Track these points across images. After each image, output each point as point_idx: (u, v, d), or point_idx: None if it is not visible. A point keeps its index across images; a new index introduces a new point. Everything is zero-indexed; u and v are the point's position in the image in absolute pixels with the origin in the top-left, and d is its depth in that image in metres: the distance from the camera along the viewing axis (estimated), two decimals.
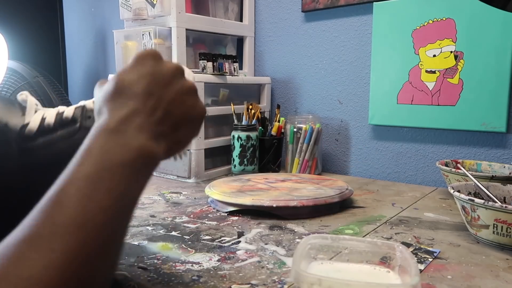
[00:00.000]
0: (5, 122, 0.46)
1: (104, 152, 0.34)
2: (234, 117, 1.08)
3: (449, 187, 0.64)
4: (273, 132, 1.08)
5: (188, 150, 1.00)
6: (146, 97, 0.37)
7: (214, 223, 0.69)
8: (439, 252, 0.56)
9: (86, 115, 0.48)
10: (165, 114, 0.38)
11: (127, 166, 0.34)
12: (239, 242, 0.60)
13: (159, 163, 0.38)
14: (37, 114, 0.48)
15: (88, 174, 0.32)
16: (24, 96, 0.49)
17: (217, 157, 1.09)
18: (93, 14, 1.75)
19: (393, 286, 0.40)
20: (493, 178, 0.73)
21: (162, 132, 0.38)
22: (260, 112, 1.11)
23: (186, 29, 1.06)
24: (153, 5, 1.07)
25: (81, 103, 0.50)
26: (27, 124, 0.47)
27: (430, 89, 0.97)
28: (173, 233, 0.64)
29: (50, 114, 0.48)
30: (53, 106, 0.78)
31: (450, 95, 0.94)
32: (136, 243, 0.60)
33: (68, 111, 0.48)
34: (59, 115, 0.48)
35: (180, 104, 0.39)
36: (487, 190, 0.65)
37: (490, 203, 0.56)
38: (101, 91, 0.39)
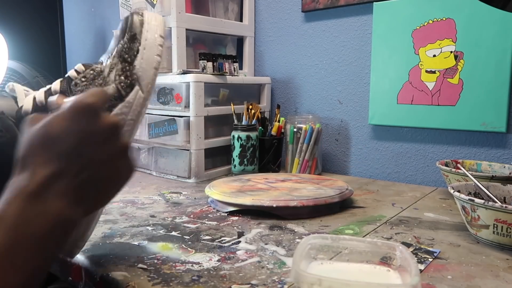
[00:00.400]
0: (1, 110, 0.48)
1: (20, 222, 0.31)
2: (234, 117, 1.08)
3: (449, 187, 0.64)
4: (273, 132, 1.08)
5: (188, 150, 1.00)
6: (73, 158, 0.35)
7: (214, 223, 0.69)
8: (439, 252, 0.56)
9: (73, 85, 0.48)
10: (91, 177, 0.36)
11: (43, 237, 0.32)
12: (239, 242, 0.60)
13: (77, 224, 0.36)
14: (28, 97, 0.49)
15: (0, 249, 0.30)
16: (11, 86, 0.50)
17: (217, 157, 1.09)
18: (93, 14, 1.75)
19: (393, 286, 0.40)
20: (493, 178, 0.73)
21: (85, 195, 0.36)
22: (260, 112, 1.11)
23: (186, 29, 1.06)
24: (153, 5, 1.07)
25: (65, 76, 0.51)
26: (21, 107, 0.48)
27: (430, 89, 0.97)
28: (173, 233, 0.64)
29: (39, 93, 0.49)
30: None
31: (450, 95, 0.94)
32: (136, 243, 0.60)
33: (54, 85, 0.49)
34: (48, 91, 0.49)
35: (108, 167, 0.37)
36: (487, 190, 0.65)
37: (490, 203, 0.56)
38: (29, 133, 0.36)
